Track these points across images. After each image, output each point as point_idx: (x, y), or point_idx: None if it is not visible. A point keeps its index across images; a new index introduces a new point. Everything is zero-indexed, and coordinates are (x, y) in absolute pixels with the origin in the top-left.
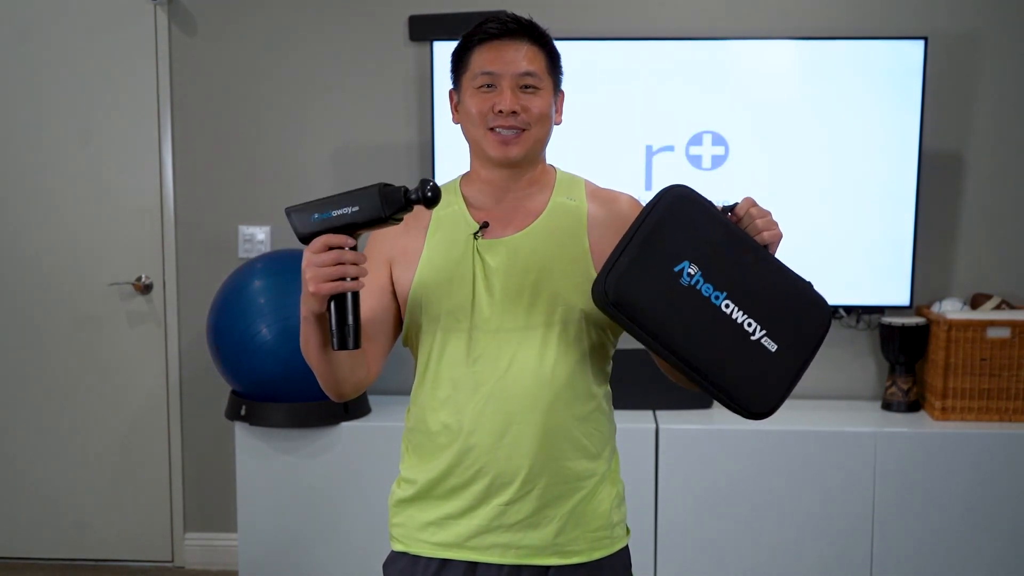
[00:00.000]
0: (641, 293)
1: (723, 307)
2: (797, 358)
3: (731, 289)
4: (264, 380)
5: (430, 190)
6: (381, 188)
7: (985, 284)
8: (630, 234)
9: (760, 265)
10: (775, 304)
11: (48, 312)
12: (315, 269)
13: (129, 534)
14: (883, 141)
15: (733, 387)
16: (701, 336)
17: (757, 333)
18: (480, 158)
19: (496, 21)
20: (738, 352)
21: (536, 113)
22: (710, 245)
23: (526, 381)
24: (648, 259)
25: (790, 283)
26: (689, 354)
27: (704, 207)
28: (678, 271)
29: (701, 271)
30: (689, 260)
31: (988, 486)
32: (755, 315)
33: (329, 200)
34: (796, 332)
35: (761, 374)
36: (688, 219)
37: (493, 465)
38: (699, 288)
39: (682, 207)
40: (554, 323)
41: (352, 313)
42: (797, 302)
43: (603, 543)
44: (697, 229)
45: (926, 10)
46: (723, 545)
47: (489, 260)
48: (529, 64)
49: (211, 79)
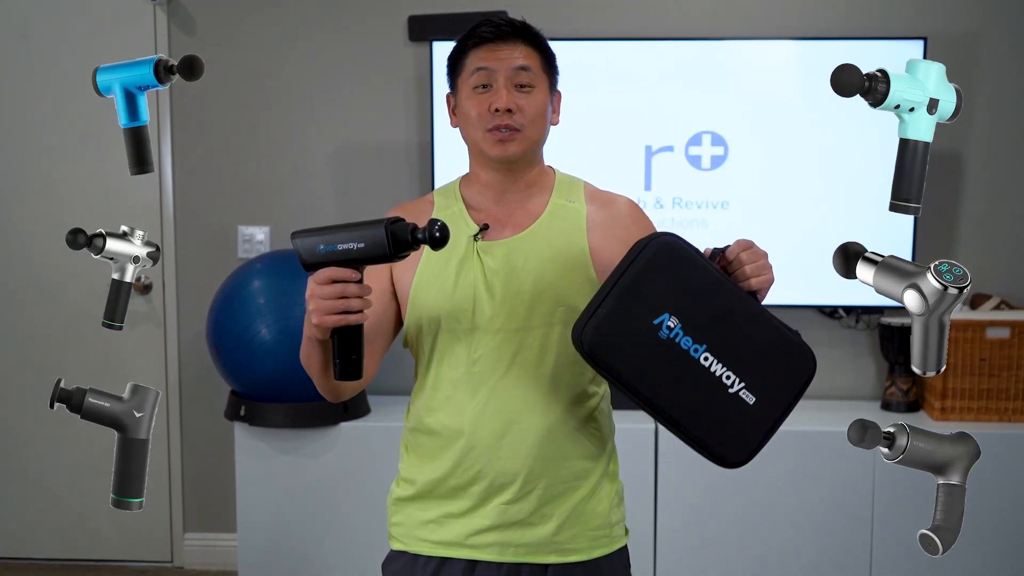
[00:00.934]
0: (617, 346)
1: (702, 360)
2: (775, 409)
3: (711, 342)
4: (264, 380)
5: (438, 230)
6: (388, 226)
7: (985, 284)
8: (612, 281)
9: (744, 317)
10: (756, 356)
11: (48, 312)
12: (319, 301)
13: (129, 534)
14: (882, 141)
15: (708, 438)
16: (677, 389)
17: (736, 386)
18: (479, 160)
19: (490, 24)
20: (715, 405)
21: (531, 113)
22: (692, 297)
23: (526, 381)
24: (627, 310)
25: (773, 334)
26: (664, 406)
27: (689, 257)
28: (657, 324)
29: (681, 324)
30: (669, 313)
31: (987, 486)
32: (734, 368)
33: (335, 231)
34: (776, 383)
35: (738, 426)
36: (672, 269)
37: (494, 465)
38: (678, 341)
39: (666, 256)
40: (554, 324)
41: (355, 345)
42: (779, 353)
43: (602, 542)
44: (680, 280)
45: (926, 10)
46: (722, 545)
47: (489, 262)
48: (524, 60)
49: (211, 79)
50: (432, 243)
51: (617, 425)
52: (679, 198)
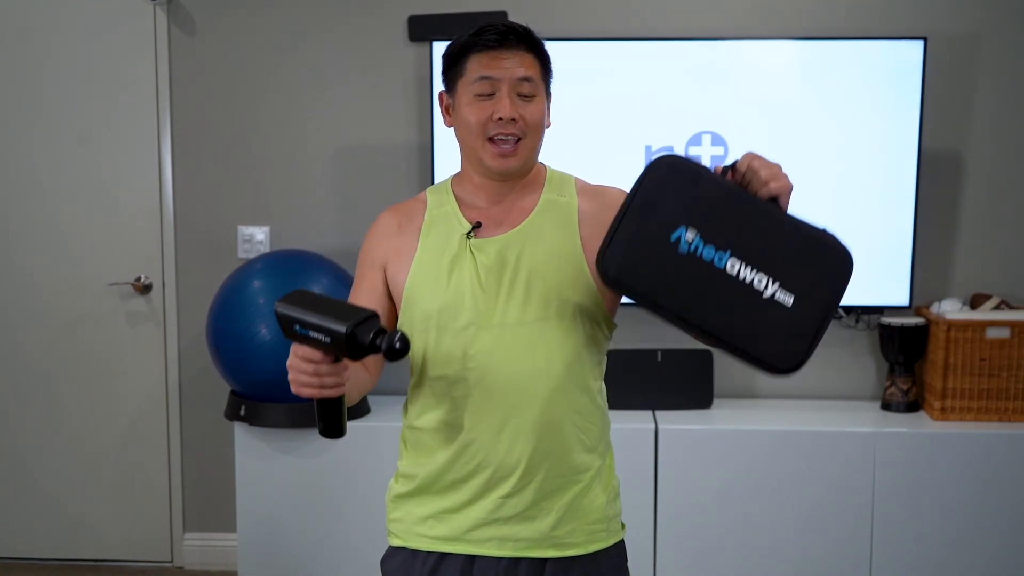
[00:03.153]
0: (639, 269)
1: (728, 268)
2: (818, 307)
3: (734, 247)
4: (263, 380)
5: (399, 341)
6: (351, 329)
7: (984, 284)
8: (622, 211)
9: (765, 219)
10: (785, 255)
11: (48, 312)
12: (295, 374)
13: (129, 534)
14: (883, 141)
15: (753, 348)
16: (709, 303)
17: (769, 288)
18: (474, 164)
19: (494, 31)
20: (752, 312)
21: (532, 122)
22: (706, 206)
23: (523, 375)
24: (642, 232)
25: (801, 232)
26: (701, 322)
27: (695, 171)
28: (675, 240)
29: (699, 234)
30: (685, 225)
31: (987, 486)
32: (764, 269)
33: (314, 310)
34: (813, 281)
35: (781, 330)
36: (680, 185)
37: (493, 458)
38: (699, 254)
39: (671, 175)
40: (549, 318)
41: (335, 411)
42: (810, 250)
43: (599, 536)
44: (690, 193)
45: (926, 10)
46: (722, 545)
47: (482, 259)
48: (527, 70)
49: (210, 79)
50: (389, 354)
51: (617, 425)
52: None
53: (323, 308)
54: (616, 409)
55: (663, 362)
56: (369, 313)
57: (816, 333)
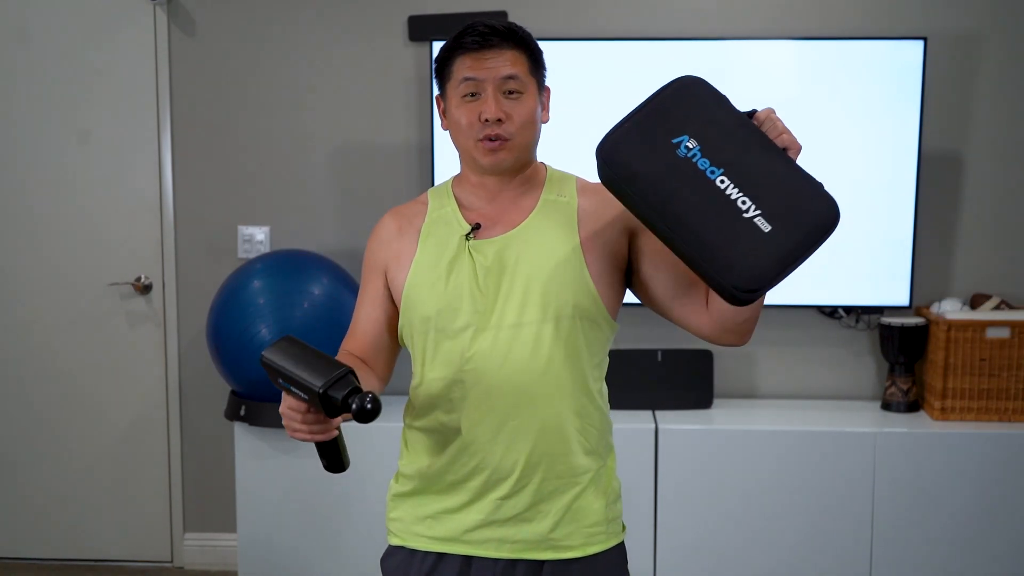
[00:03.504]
0: (634, 155)
1: (717, 182)
2: (792, 240)
3: (729, 167)
4: (264, 380)
5: (369, 402)
6: (323, 394)
7: (984, 284)
8: (638, 107)
9: (768, 155)
10: (775, 189)
11: (48, 312)
12: (286, 420)
13: (129, 534)
14: (883, 141)
15: (716, 259)
16: (689, 205)
17: (751, 211)
18: (470, 165)
19: (474, 32)
20: (727, 225)
21: (520, 120)
22: (716, 126)
23: (522, 377)
24: (649, 128)
25: (797, 175)
26: (674, 221)
27: (718, 95)
28: (676, 143)
29: (700, 146)
30: (689, 135)
31: (987, 486)
32: (751, 194)
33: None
34: (795, 218)
35: (750, 250)
36: (698, 101)
37: (491, 460)
38: (695, 161)
39: (694, 91)
40: (547, 319)
41: (333, 449)
42: (801, 192)
43: (598, 539)
44: (705, 110)
45: (926, 10)
46: (722, 545)
47: (481, 260)
48: (512, 68)
49: (210, 79)
50: (359, 416)
51: (617, 425)
52: None
53: (303, 363)
54: (616, 409)
55: (663, 362)
56: (344, 371)
57: (782, 265)
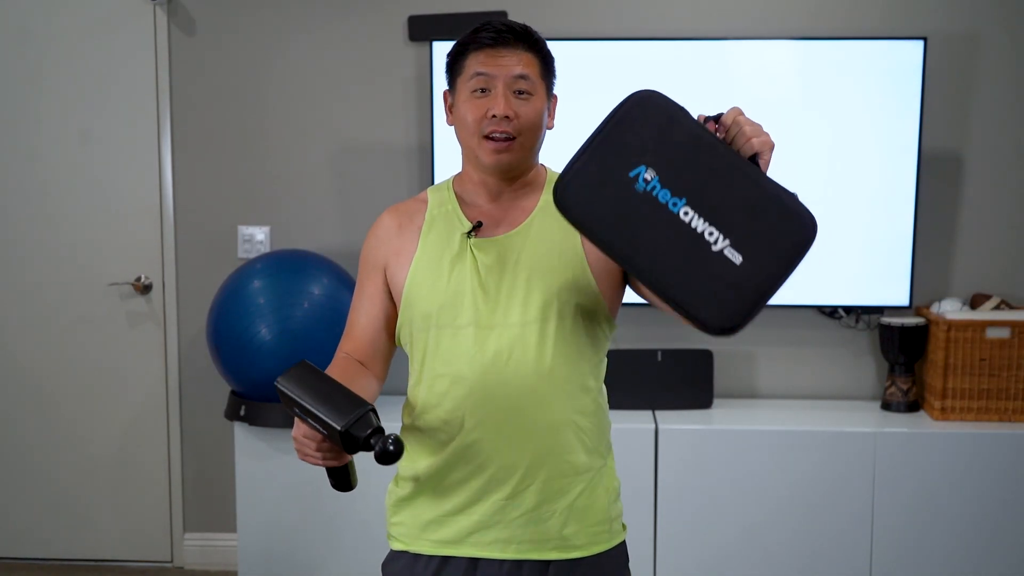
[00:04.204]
0: (592, 199)
1: (681, 215)
2: (766, 271)
3: (690, 195)
4: (264, 380)
5: (392, 443)
6: (344, 432)
7: (984, 284)
8: (588, 140)
9: (733, 173)
10: (744, 214)
11: (48, 312)
12: (299, 446)
13: (129, 534)
14: (882, 141)
15: (691, 299)
16: (654, 246)
17: (719, 243)
18: (473, 163)
19: (491, 29)
20: (697, 264)
21: (527, 121)
22: (672, 149)
23: (523, 376)
24: (602, 164)
25: (767, 192)
26: (643, 263)
27: (668, 109)
28: (633, 176)
29: (658, 176)
30: (646, 165)
31: (987, 486)
32: (717, 223)
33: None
34: (767, 243)
35: (723, 287)
36: (650, 122)
37: (493, 459)
38: (655, 194)
39: (644, 110)
40: (549, 318)
41: (342, 473)
42: (771, 213)
43: (602, 537)
44: (658, 132)
45: (926, 10)
46: (722, 545)
47: (482, 258)
48: (524, 68)
49: (211, 79)
50: (381, 457)
51: (617, 425)
52: None
53: (322, 397)
54: (616, 409)
55: (663, 362)
56: (366, 408)
57: (758, 299)
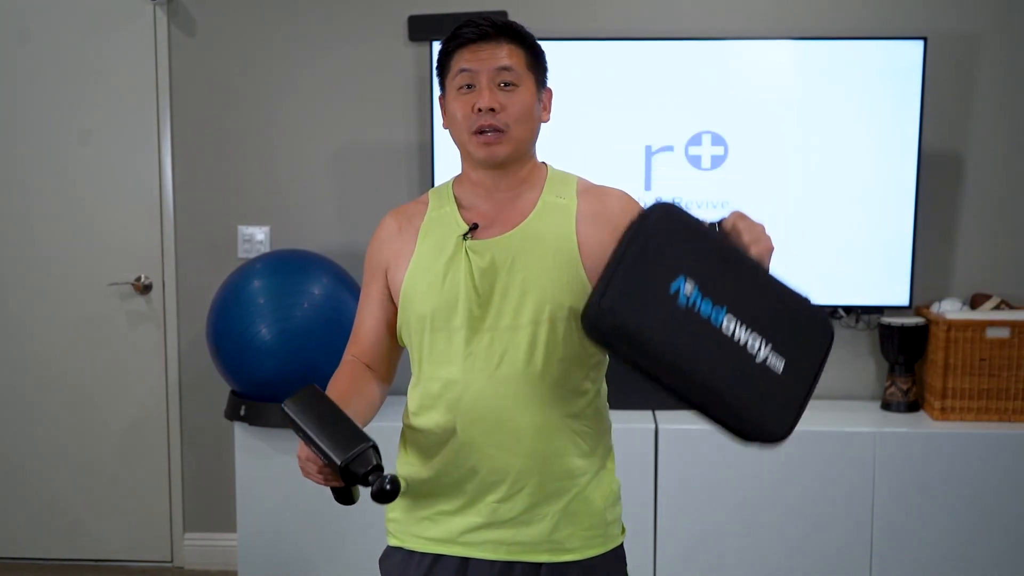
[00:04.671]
0: (634, 318)
1: (724, 327)
2: (806, 375)
3: (731, 304)
4: (263, 380)
5: (389, 483)
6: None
7: (984, 284)
8: (620, 253)
9: (756, 278)
10: (776, 321)
11: (48, 312)
12: (302, 465)
13: (128, 534)
14: (883, 141)
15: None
16: (703, 362)
17: (762, 353)
18: (469, 161)
19: (472, 25)
20: (743, 377)
21: (515, 112)
22: (704, 258)
23: (517, 379)
24: (641, 280)
25: (789, 298)
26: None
27: (692, 221)
28: (674, 291)
29: (698, 286)
30: (684, 276)
31: (987, 486)
32: (759, 330)
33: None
34: (802, 348)
35: (771, 400)
36: (678, 233)
37: (485, 463)
38: (697, 308)
39: (670, 221)
40: (543, 321)
41: (344, 489)
42: (799, 316)
43: (597, 541)
44: (688, 243)
45: (926, 10)
46: (723, 545)
47: (477, 261)
48: (507, 59)
49: (210, 79)
50: (377, 496)
51: (617, 425)
52: (679, 198)
53: (326, 428)
54: (616, 409)
55: None
56: (367, 445)
57: (803, 401)
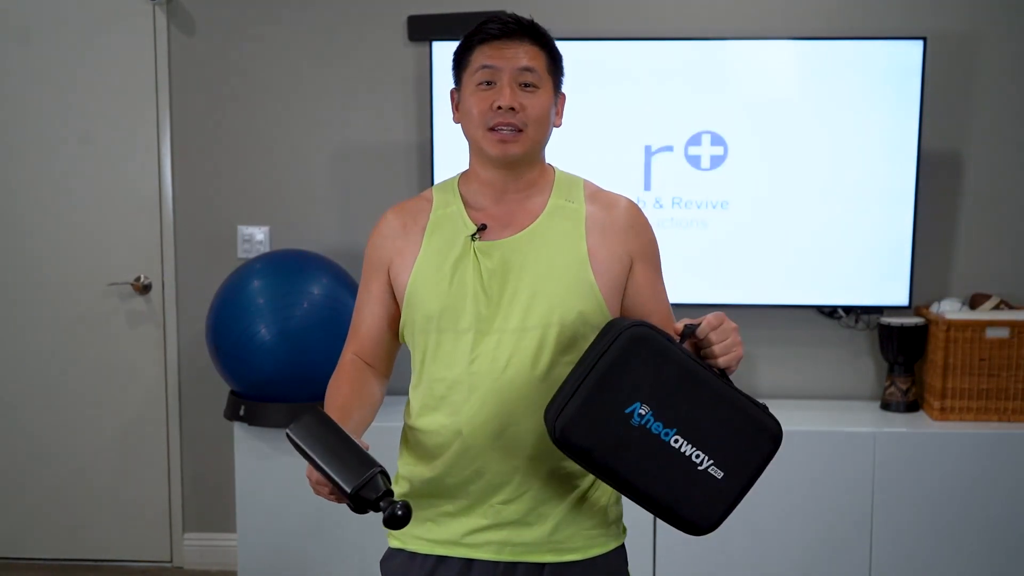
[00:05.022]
0: (589, 435)
1: (672, 442)
2: (740, 481)
3: (681, 425)
4: (263, 380)
5: (400, 509)
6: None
7: (984, 284)
8: (584, 370)
9: (713, 400)
10: (723, 436)
11: (48, 312)
12: (314, 490)
13: (128, 534)
14: (882, 141)
15: (678, 510)
16: (649, 470)
17: (704, 464)
18: (480, 158)
19: (497, 21)
20: (685, 481)
21: (534, 114)
22: (663, 386)
23: (523, 382)
24: (599, 401)
25: (741, 413)
26: (637, 485)
27: (659, 346)
28: (629, 412)
29: (652, 411)
30: (641, 401)
31: (987, 486)
32: (703, 447)
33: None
34: (742, 458)
35: (706, 497)
36: (643, 360)
37: (490, 465)
38: (649, 427)
39: (638, 348)
40: (551, 324)
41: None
42: (745, 431)
43: (598, 541)
44: (651, 370)
45: (926, 10)
46: (722, 545)
47: (486, 262)
48: (530, 61)
49: (210, 79)
50: (388, 522)
51: None
52: (679, 198)
53: (333, 455)
54: None
55: None
56: (375, 471)
57: (734, 503)
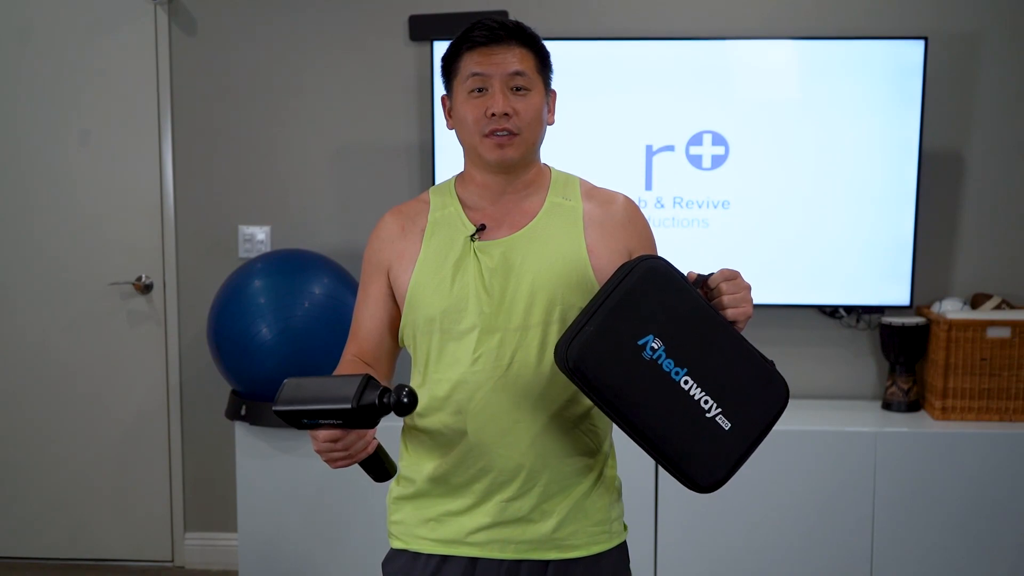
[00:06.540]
0: (601, 363)
1: (682, 383)
2: (748, 437)
3: (692, 366)
4: (264, 380)
5: (407, 395)
6: (355, 409)
7: (985, 284)
8: (598, 301)
9: (724, 344)
10: (734, 383)
11: (49, 312)
12: (325, 456)
13: (129, 534)
14: (883, 141)
15: (682, 460)
16: (656, 410)
17: (713, 411)
18: (476, 162)
19: (483, 27)
20: (691, 427)
21: (528, 117)
22: (677, 320)
23: (526, 380)
24: (613, 330)
25: (752, 363)
26: (643, 426)
27: (676, 280)
28: (641, 344)
29: (664, 346)
30: (654, 334)
31: (988, 486)
32: (712, 393)
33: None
34: (751, 411)
35: (711, 450)
36: (658, 292)
37: (495, 463)
38: (660, 363)
39: (654, 279)
40: (552, 322)
41: (376, 462)
42: (756, 382)
43: (601, 538)
44: (666, 302)
45: (926, 10)
46: (723, 545)
47: (486, 261)
48: (519, 64)
49: (211, 79)
50: (398, 408)
51: None
52: (680, 198)
53: (319, 394)
54: None
55: None
56: (363, 379)
57: (740, 460)
